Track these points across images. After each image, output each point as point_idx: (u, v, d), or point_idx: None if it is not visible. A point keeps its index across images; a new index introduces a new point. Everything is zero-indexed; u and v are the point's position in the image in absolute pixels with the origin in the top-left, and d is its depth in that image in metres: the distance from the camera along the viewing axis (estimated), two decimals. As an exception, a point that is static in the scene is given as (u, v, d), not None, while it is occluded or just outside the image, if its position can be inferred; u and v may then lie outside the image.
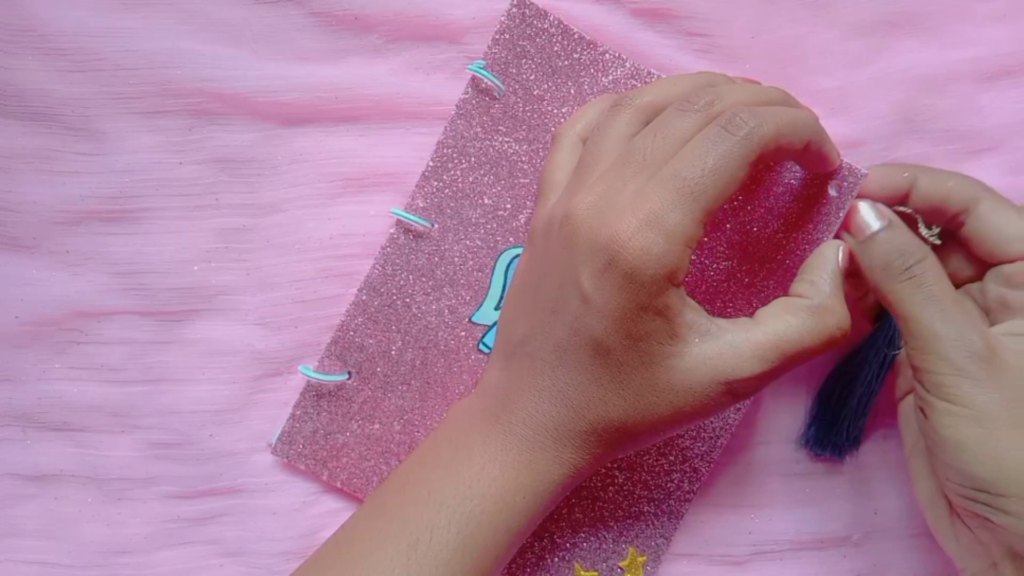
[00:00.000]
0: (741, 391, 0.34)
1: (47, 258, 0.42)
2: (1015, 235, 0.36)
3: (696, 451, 0.42)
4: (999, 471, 0.33)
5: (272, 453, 0.42)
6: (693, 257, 0.40)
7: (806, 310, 0.35)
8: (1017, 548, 0.33)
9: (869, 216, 0.37)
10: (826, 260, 0.37)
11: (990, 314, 0.38)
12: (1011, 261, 0.37)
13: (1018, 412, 0.33)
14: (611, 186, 0.34)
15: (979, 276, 0.38)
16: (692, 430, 0.42)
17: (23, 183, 0.41)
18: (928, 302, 0.34)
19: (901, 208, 0.38)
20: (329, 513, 0.43)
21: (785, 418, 0.43)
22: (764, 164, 0.34)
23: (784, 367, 0.34)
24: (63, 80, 0.41)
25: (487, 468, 0.35)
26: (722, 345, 0.34)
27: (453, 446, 0.36)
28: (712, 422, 0.42)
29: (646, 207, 0.32)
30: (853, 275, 0.38)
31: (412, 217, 0.41)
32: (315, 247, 0.42)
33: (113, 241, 0.42)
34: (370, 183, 0.42)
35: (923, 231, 0.37)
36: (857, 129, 0.42)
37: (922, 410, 0.35)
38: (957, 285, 0.38)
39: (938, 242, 0.37)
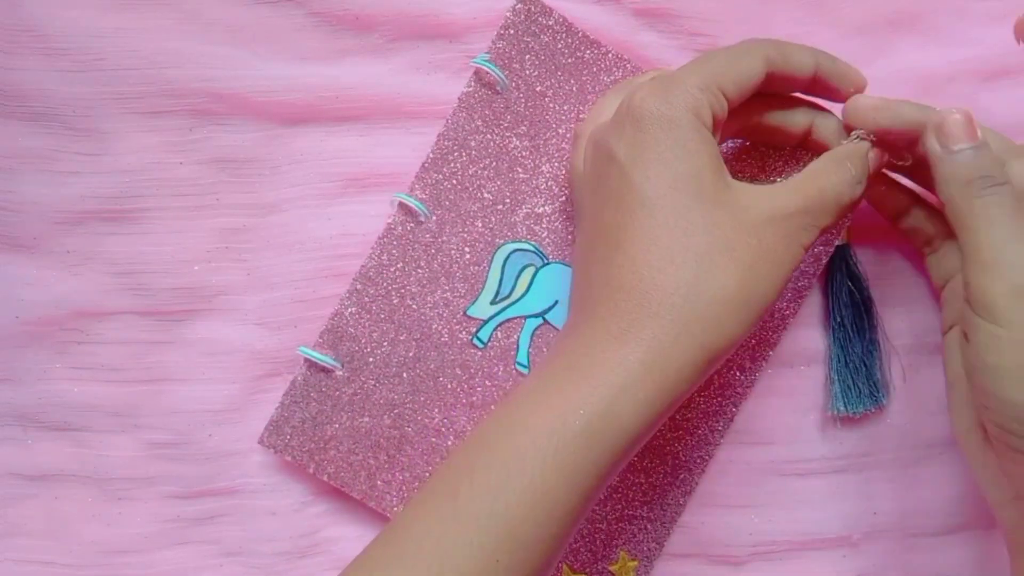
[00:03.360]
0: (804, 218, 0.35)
1: (47, 258, 0.42)
2: None
3: (690, 456, 0.42)
4: None
5: (259, 443, 0.41)
6: None
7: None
8: None
9: (966, 130, 0.35)
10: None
11: None
12: None
13: None
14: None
15: None
16: (689, 431, 0.42)
17: (23, 183, 0.41)
18: (1002, 221, 0.34)
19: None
20: (328, 513, 0.42)
21: (785, 418, 0.43)
22: (778, 81, 0.36)
23: (822, 204, 0.35)
24: (63, 80, 0.41)
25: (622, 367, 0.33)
26: (767, 189, 0.35)
27: (574, 367, 0.34)
28: (709, 423, 0.42)
29: (664, 78, 0.35)
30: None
31: (415, 201, 0.41)
32: (315, 247, 0.42)
33: (113, 241, 0.42)
34: (370, 183, 0.42)
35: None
36: (857, 129, 0.42)
37: (966, 335, 0.34)
38: None
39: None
